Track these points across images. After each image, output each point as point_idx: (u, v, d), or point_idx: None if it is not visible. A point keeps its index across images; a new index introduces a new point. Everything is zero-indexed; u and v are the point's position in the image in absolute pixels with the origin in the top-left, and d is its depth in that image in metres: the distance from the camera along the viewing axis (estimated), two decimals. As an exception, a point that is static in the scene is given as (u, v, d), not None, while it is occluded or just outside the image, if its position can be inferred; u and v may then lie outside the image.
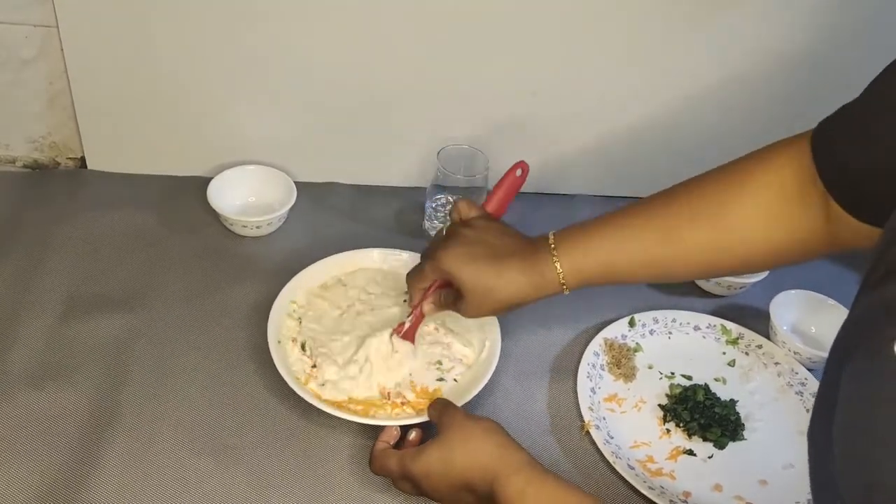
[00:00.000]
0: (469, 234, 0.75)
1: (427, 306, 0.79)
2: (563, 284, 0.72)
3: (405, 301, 0.85)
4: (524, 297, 0.73)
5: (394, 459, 0.69)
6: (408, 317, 0.81)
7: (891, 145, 0.56)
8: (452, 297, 0.77)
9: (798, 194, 0.66)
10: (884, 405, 0.44)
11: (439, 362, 0.81)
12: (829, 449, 0.47)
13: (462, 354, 0.83)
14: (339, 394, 0.77)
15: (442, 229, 0.79)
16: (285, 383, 0.76)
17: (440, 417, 0.70)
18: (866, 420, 0.45)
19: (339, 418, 0.74)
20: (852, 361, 0.47)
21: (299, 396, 0.75)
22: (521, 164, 0.82)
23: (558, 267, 0.72)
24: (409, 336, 0.81)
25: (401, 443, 0.73)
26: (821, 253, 0.68)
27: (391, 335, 0.80)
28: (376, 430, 0.74)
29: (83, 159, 1.01)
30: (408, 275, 0.80)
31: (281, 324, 0.82)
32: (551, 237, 0.74)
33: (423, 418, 0.74)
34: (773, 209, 0.67)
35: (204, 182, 0.95)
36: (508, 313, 0.76)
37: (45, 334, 0.81)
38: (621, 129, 1.01)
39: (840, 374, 0.48)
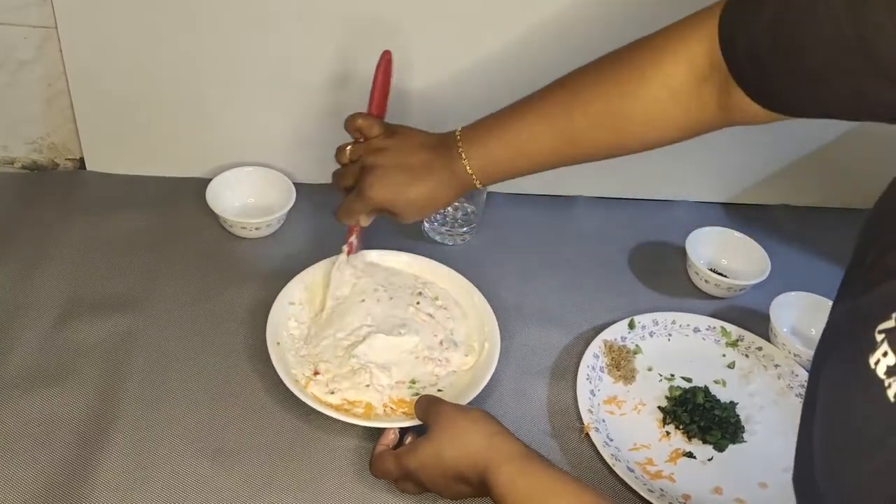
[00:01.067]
0: (383, 161, 0.76)
1: (364, 219, 0.81)
2: (476, 181, 0.75)
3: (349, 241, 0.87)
4: (449, 199, 0.77)
5: (391, 459, 0.69)
6: (348, 240, 0.85)
7: (803, 45, 0.54)
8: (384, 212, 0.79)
9: (696, 87, 0.66)
10: (858, 414, 0.44)
11: (413, 381, 0.79)
12: (811, 454, 0.47)
13: (458, 365, 0.82)
14: (336, 396, 0.77)
15: (344, 148, 0.80)
16: (284, 385, 0.76)
17: (426, 413, 0.70)
18: (842, 427, 0.45)
19: (338, 421, 0.74)
20: (829, 368, 0.47)
21: (298, 399, 0.75)
22: (385, 55, 0.83)
23: (467, 166, 0.74)
24: (350, 250, 0.86)
25: (399, 445, 0.73)
26: (712, 129, 0.69)
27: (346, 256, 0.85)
28: (376, 433, 0.74)
29: (82, 160, 1.00)
30: (337, 213, 0.80)
31: (280, 325, 0.82)
32: (458, 134, 0.75)
33: (420, 421, 0.74)
34: (670, 105, 0.67)
35: (203, 183, 0.95)
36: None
37: (44, 336, 0.80)
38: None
39: (818, 377, 0.48)
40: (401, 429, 0.74)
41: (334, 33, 0.90)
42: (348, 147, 0.80)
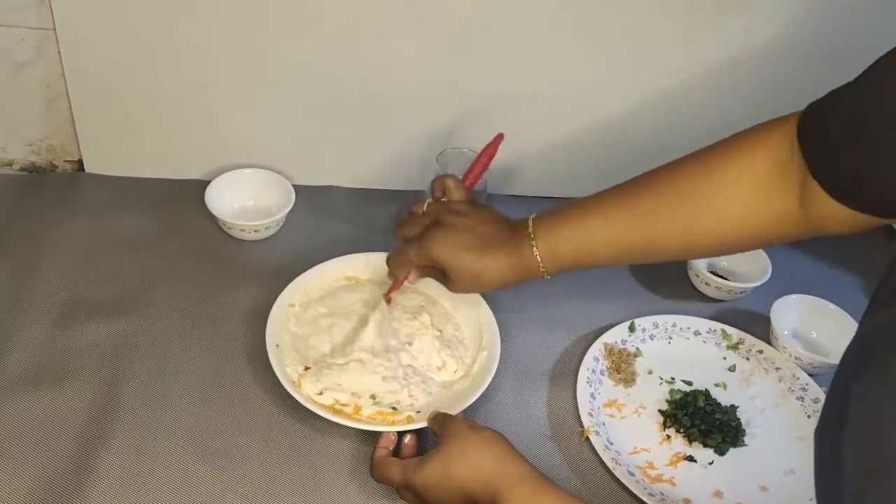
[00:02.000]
0: (455, 221, 0.76)
1: (414, 276, 0.82)
2: (543, 270, 0.75)
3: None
4: (508, 281, 0.76)
5: (396, 469, 0.68)
6: (391, 292, 0.84)
7: (879, 134, 0.55)
8: (438, 271, 0.78)
9: (777, 178, 0.66)
10: (889, 425, 0.43)
11: (373, 395, 0.78)
12: (839, 466, 0.46)
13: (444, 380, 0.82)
14: (329, 397, 0.77)
15: (422, 203, 0.80)
16: (283, 388, 0.75)
17: (441, 428, 0.69)
18: (878, 441, 0.44)
19: (337, 423, 0.74)
20: (862, 379, 0.47)
21: (297, 401, 0.74)
22: (500, 137, 0.84)
23: (537, 254, 0.74)
24: (387, 299, 0.84)
25: (398, 447, 0.73)
26: (796, 237, 0.68)
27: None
28: (375, 436, 0.74)
29: (80, 162, 1.00)
30: (390, 259, 0.82)
31: (279, 328, 0.82)
32: (530, 223, 0.75)
33: (421, 424, 0.74)
34: (751, 194, 0.67)
35: (202, 185, 0.95)
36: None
37: (42, 338, 0.80)
38: (625, 135, 1.00)
39: (849, 391, 0.47)
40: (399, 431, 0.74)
41: (334, 35, 0.90)
42: (428, 201, 0.81)
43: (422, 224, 0.78)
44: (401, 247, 0.80)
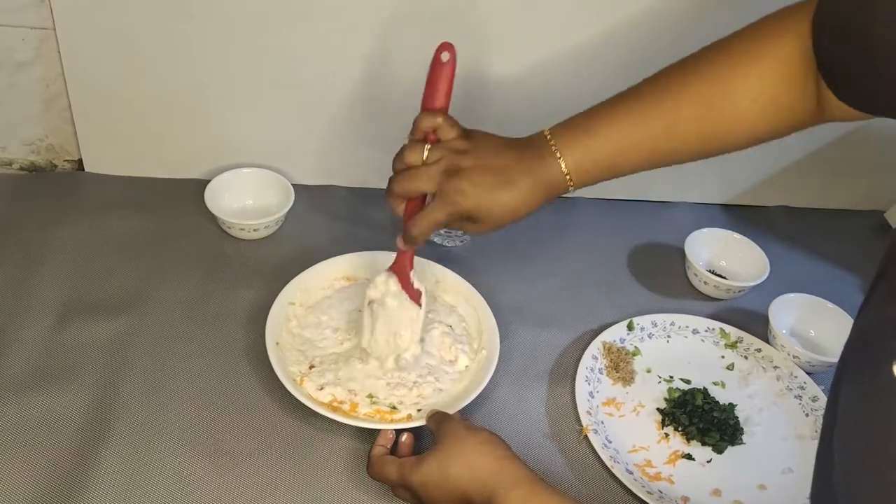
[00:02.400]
0: (470, 164, 0.69)
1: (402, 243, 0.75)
2: (571, 184, 0.70)
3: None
4: (538, 203, 0.71)
5: (393, 467, 0.68)
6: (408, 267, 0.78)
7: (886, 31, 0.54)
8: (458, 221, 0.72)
9: (799, 72, 0.64)
10: (880, 424, 0.43)
11: (370, 395, 0.78)
12: (831, 465, 0.47)
13: (460, 368, 0.82)
14: (326, 392, 0.77)
15: (418, 149, 0.72)
16: (283, 386, 0.75)
17: (438, 427, 0.69)
18: (864, 439, 0.44)
19: (337, 422, 0.74)
20: (851, 377, 0.47)
21: (297, 400, 0.75)
22: (445, 46, 0.72)
23: (563, 167, 0.69)
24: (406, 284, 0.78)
25: (394, 446, 0.73)
26: (808, 125, 0.67)
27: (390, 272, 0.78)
28: (373, 434, 0.74)
29: (80, 162, 1.00)
30: (414, 224, 0.72)
31: (279, 327, 0.82)
32: (548, 135, 0.70)
33: (419, 423, 0.74)
34: (774, 86, 0.65)
35: (201, 185, 0.95)
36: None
37: (42, 338, 0.80)
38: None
39: (840, 388, 0.47)
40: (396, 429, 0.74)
41: (334, 35, 0.90)
42: (427, 147, 0.71)
43: (432, 177, 0.70)
44: (419, 209, 0.72)
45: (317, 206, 1.01)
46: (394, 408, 0.77)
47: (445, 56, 0.72)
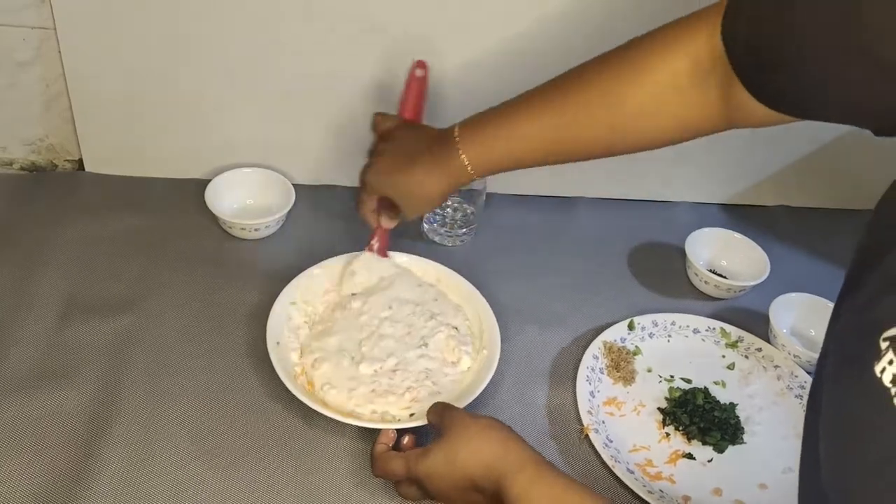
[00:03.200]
0: (385, 147, 0.81)
1: (384, 220, 0.86)
2: (472, 172, 0.76)
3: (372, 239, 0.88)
4: (443, 189, 0.78)
5: (398, 462, 0.68)
6: (372, 238, 0.88)
7: (801, 28, 0.53)
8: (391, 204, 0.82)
9: (698, 78, 0.64)
10: (864, 424, 0.43)
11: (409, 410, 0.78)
12: (817, 467, 0.47)
13: (463, 368, 0.82)
14: (333, 397, 0.77)
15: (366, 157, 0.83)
16: (284, 386, 0.75)
17: (441, 419, 0.69)
18: (848, 438, 0.44)
19: (337, 422, 0.74)
20: (832, 377, 0.47)
21: (298, 399, 0.75)
22: (419, 64, 0.85)
23: (464, 158, 0.75)
24: (382, 252, 0.89)
25: (395, 446, 0.72)
26: (715, 131, 0.68)
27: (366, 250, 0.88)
28: (375, 433, 0.74)
29: (81, 162, 1.00)
30: (356, 206, 0.85)
31: (280, 326, 0.82)
32: (456, 129, 0.76)
33: (420, 422, 0.74)
34: (670, 94, 0.66)
35: (202, 185, 0.95)
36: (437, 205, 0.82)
37: (43, 337, 0.80)
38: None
39: (821, 388, 0.48)
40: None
41: (334, 34, 0.90)
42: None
43: (365, 166, 0.82)
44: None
45: (317, 206, 1.01)
46: (386, 416, 0.77)
47: (419, 72, 0.84)
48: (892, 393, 0.41)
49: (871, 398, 0.42)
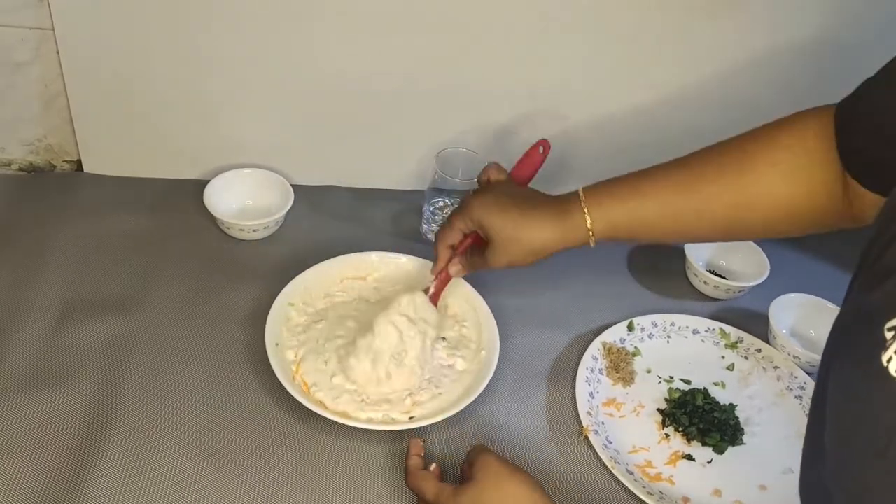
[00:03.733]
0: (497, 188, 0.78)
1: (454, 268, 0.81)
2: (591, 234, 0.75)
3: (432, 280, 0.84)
4: (551, 245, 0.75)
5: (431, 486, 0.67)
6: (432, 281, 0.82)
7: None
8: (480, 252, 0.79)
9: (819, 160, 0.67)
10: (871, 413, 0.43)
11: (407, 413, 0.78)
12: (820, 456, 0.47)
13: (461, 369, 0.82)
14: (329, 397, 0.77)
15: (470, 193, 0.81)
16: (282, 387, 0.75)
17: (476, 460, 0.68)
18: (855, 428, 0.45)
19: (336, 423, 0.74)
20: (838, 369, 0.47)
21: (297, 400, 0.75)
22: (543, 143, 0.83)
23: (588, 220, 0.74)
24: (434, 300, 0.82)
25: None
26: (841, 223, 0.69)
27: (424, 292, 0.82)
28: (374, 435, 0.74)
29: (79, 162, 1.00)
30: (437, 232, 0.82)
31: (279, 326, 0.82)
32: (581, 192, 0.76)
33: (422, 423, 0.74)
34: (794, 172, 0.68)
35: (200, 185, 0.95)
36: (535, 263, 0.78)
37: (42, 338, 0.80)
38: (621, 131, 1.01)
39: (827, 380, 0.48)
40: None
41: (334, 35, 0.90)
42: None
43: (465, 200, 0.79)
44: (443, 224, 0.81)
45: (316, 207, 1.01)
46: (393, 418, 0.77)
47: (541, 150, 0.83)
48: None
49: (877, 387, 0.43)
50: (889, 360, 0.42)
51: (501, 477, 0.65)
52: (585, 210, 0.74)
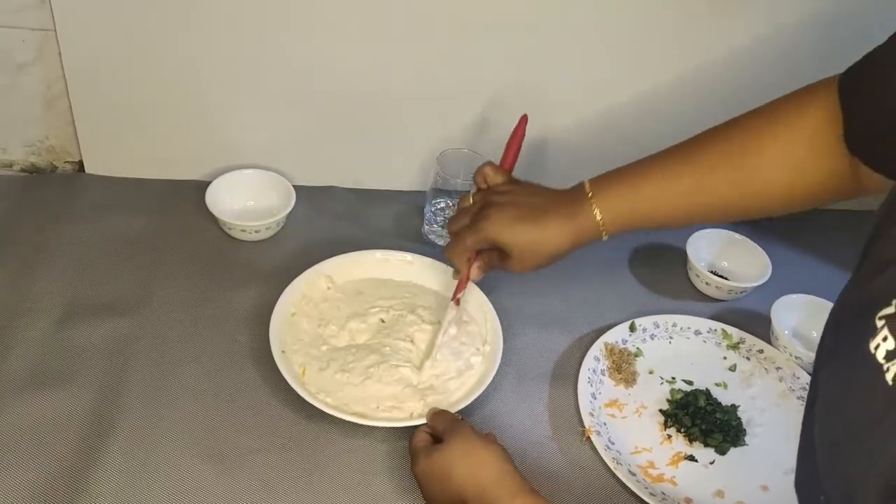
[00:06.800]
0: (503, 199, 0.77)
1: (475, 271, 0.81)
2: (603, 230, 0.74)
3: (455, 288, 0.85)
4: (566, 246, 0.75)
5: (421, 439, 0.70)
6: (459, 291, 0.83)
7: None
8: (497, 257, 0.79)
9: (826, 138, 0.66)
10: (857, 400, 0.44)
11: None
12: (812, 446, 0.47)
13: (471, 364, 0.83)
14: (333, 397, 0.77)
15: (468, 196, 0.81)
16: (287, 387, 0.75)
17: (445, 426, 0.70)
18: (841, 416, 0.45)
19: (341, 421, 0.74)
20: (829, 360, 0.48)
21: (301, 399, 0.75)
22: (524, 119, 0.83)
23: (597, 214, 0.74)
24: (456, 300, 0.83)
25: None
26: (848, 195, 0.69)
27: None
28: (380, 433, 0.75)
29: (81, 163, 1.00)
30: (447, 251, 0.81)
31: (283, 325, 0.82)
32: (587, 185, 0.75)
33: (425, 420, 0.74)
34: (801, 151, 0.68)
35: (202, 186, 0.95)
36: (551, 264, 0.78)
37: (43, 339, 0.80)
38: (622, 131, 1.00)
39: (818, 375, 0.48)
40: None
41: (334, 36, 0.90)
42: (472, 193, 0.80)
43: (470, 213, 0.78)
44: (454, 239, 0.79)
45: (318, 208, 1.01)
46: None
47: (523, 127, 0.83)
48: (885, 368, 0.42)
49: (863, 373, 0.43)
50: (877, 346, 0.43)
51: (474, 447, 0.67)
52: (593, 204, 0.74)
